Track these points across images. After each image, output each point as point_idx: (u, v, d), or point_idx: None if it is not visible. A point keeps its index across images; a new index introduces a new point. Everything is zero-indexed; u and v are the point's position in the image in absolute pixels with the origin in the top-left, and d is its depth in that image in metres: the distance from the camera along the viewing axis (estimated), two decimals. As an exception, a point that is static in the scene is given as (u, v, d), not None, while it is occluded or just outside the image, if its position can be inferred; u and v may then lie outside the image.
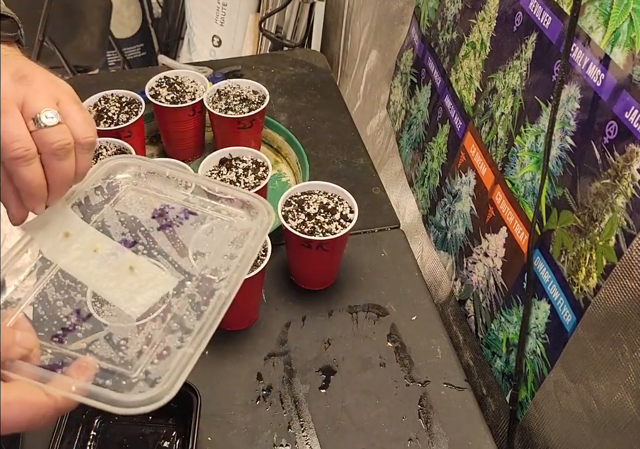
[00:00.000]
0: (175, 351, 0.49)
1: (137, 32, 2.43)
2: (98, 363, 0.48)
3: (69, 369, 0.47)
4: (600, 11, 0.59)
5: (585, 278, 0.62)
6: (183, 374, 0.47)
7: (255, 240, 0.56)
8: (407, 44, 1.13)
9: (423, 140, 1.06)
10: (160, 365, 0.49)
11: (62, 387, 0.45)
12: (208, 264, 0.55)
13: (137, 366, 0.49)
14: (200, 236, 0.58)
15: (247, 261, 0.55)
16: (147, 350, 0.50)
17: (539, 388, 0.71)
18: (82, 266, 0.55)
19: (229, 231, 0.58)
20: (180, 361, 0.48)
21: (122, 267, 0.55)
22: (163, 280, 0.55)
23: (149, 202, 0.59)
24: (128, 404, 0.44)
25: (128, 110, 0.93)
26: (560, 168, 0.66)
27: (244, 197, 0.59)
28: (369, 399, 0.74)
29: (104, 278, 0.54)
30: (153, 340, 0.50)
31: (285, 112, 1.13)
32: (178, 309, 0.52)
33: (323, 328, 0.81)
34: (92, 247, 0.56)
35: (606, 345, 0.60)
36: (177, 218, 0.59)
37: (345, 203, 0.79)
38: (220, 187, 0.59)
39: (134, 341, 0.50)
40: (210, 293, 0.53)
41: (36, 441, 0.69)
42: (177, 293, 0.54)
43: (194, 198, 0.60)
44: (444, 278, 0.99)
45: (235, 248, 0.56)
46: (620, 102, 0.56)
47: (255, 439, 0.70)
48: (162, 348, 0.50)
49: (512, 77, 0.76)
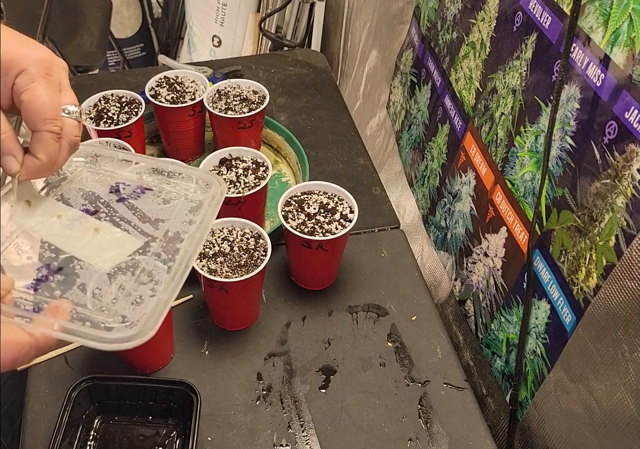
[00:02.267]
0: (149, 299, 0.51)
1: (137, 32, 2.43)
2: (74, 308, 0.50)
3: (45, 310, 0.49)
4: (600, 11, 0.59)
5: (585, 278, 0.62)
6: (161, 316, 0.48)
7: (212, 207, 0.58)
8: (407, 44, 1.13)
9: (423, 140, 1.06)
10: (137, 310, 0.50)
11: (44, 326, 0.46)
12: (169, 228, 0.58)
13: (114, 312, 0.50)
14: (158, 207, 0.60)
15: (207, 224, 0.57)
16: (122, 298, 0.51)
17: (539, 388, 0.71)
18: (47, 229, 0.56)
19: (185, 202, 0.60)
20: (157, 306, 0.49)
21: (88, 230, 0.57)
22: (128, 239, 0.57)
23: (105, 180, 0.61)
24: (111, 341, 0.46)
25: (128, 110, 0.93)
26: (560, 168, 0.66)
27: (196, 173, 0.61)
28: (369, 399, 0.74)
29: (70, 238, 0.56)
30: (126, 290, 0.52)
31: (285, 112, 1.13)
32: (146, 264, 0.54)
33: (323, 328, 0.81)
34: (55, 214, 0.57)
35: (606, 344, 0.60)
36: (133, 193, 0.61)
37: (345, 203, 0.79)
38: (173, 166, 0.62)
39: (107, 291, 0.52)
40: (175, 251, 0.55)
41: (36, 441, 0.69)
42: (144, 252, 0.56)
43: (148, 177, 0.62)
44: (444, 278, 0.99)
45: (193, 216, 0.59)
46: (620, 102, 0.56)
47: (255, 439, 0.70)
48: (135, 296, 0.52)
49: (512, 77, 0.76)
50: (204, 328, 0.80)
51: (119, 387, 0.69)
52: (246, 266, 0.72)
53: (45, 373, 0.75)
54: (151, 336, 0.47)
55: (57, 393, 0.73)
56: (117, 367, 0.75)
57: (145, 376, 0.73)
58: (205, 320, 0.81)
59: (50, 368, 0.76)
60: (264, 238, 0.75)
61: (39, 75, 0.50)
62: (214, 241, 0.74)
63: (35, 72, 0.50)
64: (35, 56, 0.51)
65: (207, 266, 0.72)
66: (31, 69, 0.50)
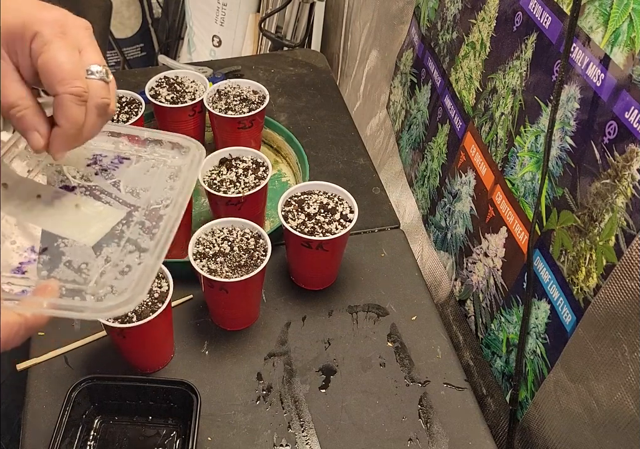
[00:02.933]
0: (137, 267, 0.51)
1: (137, 32, 2.43)
2: (63, 286, 0.50)
3: (34, 292, 0.48)
4: (600, 11, 0.59)
5: (585, 278, 0.62)
6: (149, 281, 0.49)
7: (192, 170, 0.58)
8: (407, 44, 1.13)
9: (423, 140, 1.06)
10: (124, 279, 0.50)
11: (33, 306, 0.46)
12: (151, 196, 0.58)
13: (102, 284, 0.50)
14: (137, 175, 0.60)
15: (189, 188, 0.57)
16: (109, 269, 0.51)
17: (539, 388, 0.71)
18: (27, 210, 0.56)
19: (164, 168, 0.60)
20: (144, 272, 0.49)
21: (68, 206, 0.56)
22: (110, 212, 0.56)
23: (81, 153, 0.61)
24: (101, 310, 0.46)
25: (128, 110, 0.93)
26: (560, 168, 0.66)
27: (173, 139, 0.61)
28: (369, 399, 0.74)
29: (51, 217, 0.55)
30: (113, 261, 0.52)
31: (285, 112, 1.13)
32: (130, 234, 0.54)
33: (323, 328, 0.81)
34: (33, 194, 0.57)
35: (606, 344, 0.60)
36: (111, 164, 0.60)
37: (345, 203, 0.79)
38: (149, 133, 0.61)
39: (94, 265, 0.52)
40: (158, 218, 0.55)
41: (36, 441, 0.69)
42: (127, 222, 0.56)
43: (124, 146, 0.61)
44: (444, 278, 0.99)
45: (173, 182, 0.59)
46: (620, 102, 0.56)
47: (255, 439, 0.70)
48: (122, 266, 0.52)
49: (512, 77, 0.76)
50: (204, 328, 0.80)
51: (119, 387, 0.69)
52: (246, 266, 0.72)
53: (45, 373, 0.75)
54: (140, 301, 0.47)
55: (57, 393, 0.73)
56: (117, 367, 0.75)
57: (145, 376, 0.73)
58: (205, 320, 0.81)
59: (50, 368, 0.75)
60: (264, 238, 0.75)
61: (52, 35, 0.47)
62: (214, 241, 0.74)
63: (48, 33, 0.47)
64: (49, 17, 0.48)
65: (207, 266, 0.72)
66: (44, 30, 0.47)
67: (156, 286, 0.69)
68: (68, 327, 0.79)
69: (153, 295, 0.69)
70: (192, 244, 0.73)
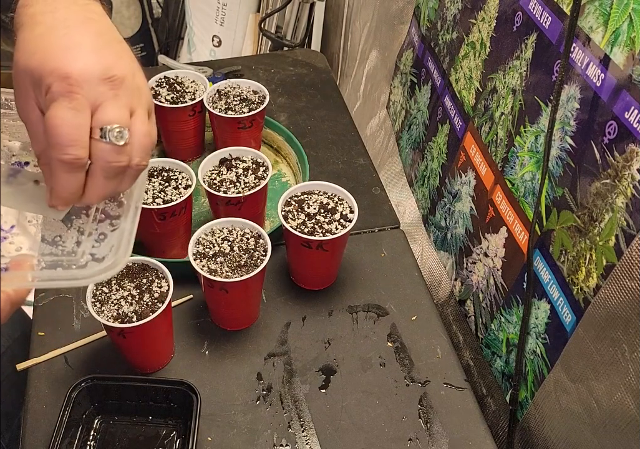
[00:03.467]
0: (112, 233, 0.51)
1: (137, 32, 2.43)
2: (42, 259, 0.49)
3: (9, 268, 0.47)
4: (600, 11, 0.59)
5: (585, 278, 0.62)
6: (130, 244, 0.49)
7: None
8: (407, 44, 1.13)
9: (423, 140, 1.07)
10: (102, 246, 0.50)
11: (18, 280, 0.45)
12: None
13: (80, 253, 0.50)
14: None
15: None
16: (85, 239, 0.51)
17: (539, 388, 0.71)
18: None
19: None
20: (123, 236, 0.49)
21: (27, 183, 0.55)
22: None
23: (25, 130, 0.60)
24: (87, 276, 0.46)
25: (128, 110, 0.93)
26: (560, 168, 0.66)
27: None
28: (369, 399, 0.74)
29: (11, 196, 0.54)
30: (86, 231, 0.52)
31: (285, 112, 1.13)
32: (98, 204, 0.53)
33: (323, 328, 0.81)
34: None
35: (606, 345, 0.60)
36: None
37: (345, 203, 0.79)
38: None
39: (68, 236, 0.52)
40: None
41: (36, 441, 0.69)
42: None
43: None
44: (444, 278, 0.99)
45: None
46: (620, 102, 0.56)
47: (255, 439, 0.70)
48: (97, 235, 0.52)
49: (512, 77, 0.76)
50: (204, 328, 0.80)
51: (119, 387, 0.69)
52: (246, 266, 0.72)
53: (45, 373, 0.75)
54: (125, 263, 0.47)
55: (57, 393, 0.73)
56: (117, 367, 0.75)
57: (145, 376, 0.73)
58: (205, 320, 0.81)
59: (50, 368, 0.76)
60: (264, 238, 0.75)
61: (59, 92, 0.44)
62: (214, 241, 0.74)
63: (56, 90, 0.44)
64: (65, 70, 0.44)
65: (207, 266, 0.72)
66: (53, 85, 0.44)
67: (156, 286, 0.69)
68: (68, 327, 0.79)
69: (153, 295, 0.69)
70: (192, 244, 0.73)
